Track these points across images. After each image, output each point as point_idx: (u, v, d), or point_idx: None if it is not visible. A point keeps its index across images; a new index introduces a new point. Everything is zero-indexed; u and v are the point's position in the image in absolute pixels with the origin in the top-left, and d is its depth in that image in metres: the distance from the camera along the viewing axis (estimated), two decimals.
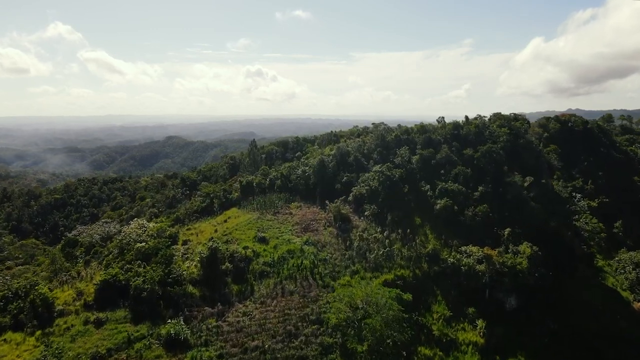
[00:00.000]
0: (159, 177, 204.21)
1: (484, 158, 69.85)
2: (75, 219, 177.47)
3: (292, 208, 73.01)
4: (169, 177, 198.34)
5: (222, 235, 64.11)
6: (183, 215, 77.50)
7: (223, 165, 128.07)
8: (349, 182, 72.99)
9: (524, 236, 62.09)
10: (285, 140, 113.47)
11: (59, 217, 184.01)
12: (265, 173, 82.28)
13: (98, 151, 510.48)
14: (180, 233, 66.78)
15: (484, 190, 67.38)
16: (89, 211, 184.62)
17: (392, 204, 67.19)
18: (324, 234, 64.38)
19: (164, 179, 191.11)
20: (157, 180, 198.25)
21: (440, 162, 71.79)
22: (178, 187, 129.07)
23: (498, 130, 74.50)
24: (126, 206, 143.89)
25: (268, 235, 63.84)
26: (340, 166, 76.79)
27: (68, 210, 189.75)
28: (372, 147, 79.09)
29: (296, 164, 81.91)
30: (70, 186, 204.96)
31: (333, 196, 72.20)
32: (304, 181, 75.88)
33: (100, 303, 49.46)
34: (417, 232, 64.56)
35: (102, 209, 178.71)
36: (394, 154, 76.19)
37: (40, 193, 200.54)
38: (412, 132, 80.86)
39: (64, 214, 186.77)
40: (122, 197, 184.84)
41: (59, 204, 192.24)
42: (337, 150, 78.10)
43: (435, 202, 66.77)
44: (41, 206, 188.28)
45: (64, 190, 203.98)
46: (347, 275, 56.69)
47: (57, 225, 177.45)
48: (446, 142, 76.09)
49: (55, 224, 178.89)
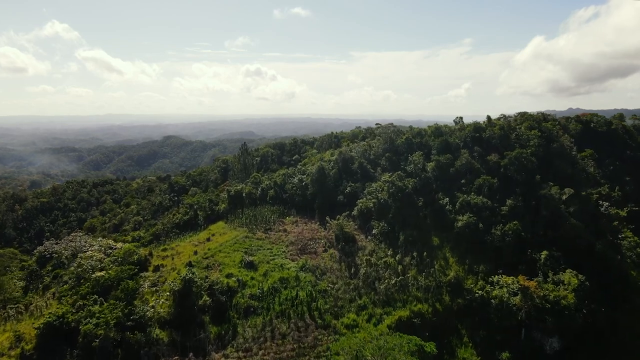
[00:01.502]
0: (152, 180, 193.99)
1: (512, 166, 59.31)
2: (62, 224, 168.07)
3: (286, 224, 62.58)
4: (162, 180, 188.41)
5: (202, 259, 53.74)
6: (161, 230, 67.11)
7: (214, 169, 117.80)
8: (353, 194, 62.55)
9: (563, 260, 51.56)
10: (281, 142, 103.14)
11: (44, 222, 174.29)
12: (257, 181, 71.82)
13: (95, 151, 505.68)
14: (153, 255, 56.39)
15: (513, 204, 56.82)
16: (77, 215, 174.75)
17: (404, 221, 56.68)
18: (324, 258, 53.96)
19: (156, 182, 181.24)
20: (149, 182, 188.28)
21: (460, 170, 61.23)
22: (166, 193, 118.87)
23: (527, 132, 63.87)
24: (110, 213, 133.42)
25: (257, 258, 53.43)
26: (343, 174, 66.29)
27: (55, 214, 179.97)
28: (380, 152, 68.51)
29: (292, 171, 71.34)
30: (57, 189, 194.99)
31: (334, 210, 61.82)
32: (300, 191, 65.46)
33: (41, 353, 39.24)
34: (436, 255, 54.05)
35: (90, 213, 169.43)
36: (406, 161, 65.69)
37: (25, 196, 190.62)
38: (425, 134, 70.14)
39: (50, 219, 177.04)
40: (112, 200, 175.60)
41: (46, 208, 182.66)
42: (339, 155, 67.56)
43: (456, 218, 56.26)
44: (26, 210, 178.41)
45: (51, 194, 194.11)
46: (352, 311, 46.28)
47: (42, 231, 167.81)
48: (466, 146, 65.50)
49: (41, 229, 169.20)
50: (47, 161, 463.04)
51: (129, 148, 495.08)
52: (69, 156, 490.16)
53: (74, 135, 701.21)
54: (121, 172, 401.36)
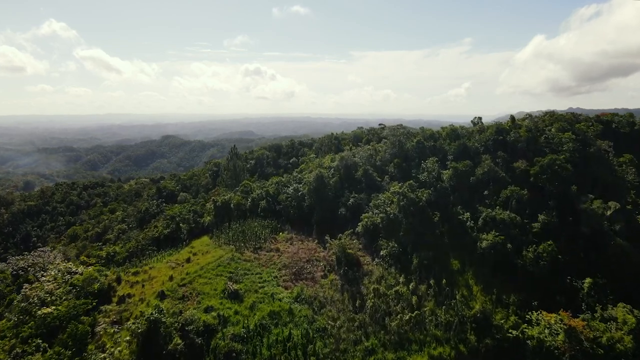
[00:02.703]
0: (144, 182, 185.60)
1: (544, 174, 50.47)
2: (49, 229, 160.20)
3: (279, 241, 53.84)
4: (155, 182, 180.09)
5: (178, 287, 45.05)
6: (134, 247, 58.49)
7: (206, 172, 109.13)
8: (356, 206, 53.79)
9: (611, 290, 42.83)
10: (278, 144, 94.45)
11: (31, 227, 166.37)
12: (247, 190, 63.07)
13: (93, 151, 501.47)
14: (122, 280, 47.76)
15: (546, 220, 48.02)
16: (66, 219, 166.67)
17: (418, 240, 47.92)
18: (324, 285, 45.23)
19: (148, 184, 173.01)
20: (141, 185, 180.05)
21: (481, 180, 52.41)
22: (153, 199, 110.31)
23: (559, 135, 55.01)
24: (94, 220, 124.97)
25: (243, 286, 44.74)
26: (345, 183, 57.50)
27: (42, 218, 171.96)
28: (387, 157, 59.68)
29: (286, 179, 62.49)
30: (46, 192, 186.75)
31: (335, 225, 53.14)
32: (296, 203, 56.77)
33: None
34: (456, 283, 45.26)
35: (79, 217, 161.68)
36: (417, 167, 56.89)
37: (12, 199, 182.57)
38: (439, 137, 61.17)
39: (37, 223, 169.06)
40: (102, 204, 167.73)
41: (33, 212, 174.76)
42: (341, 161, 58.74)
43: (479, 237, 47.46)
44: (12, 214, 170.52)
45: (39, 197, 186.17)
46: (357, 357, 37.57)
47: (29, 236, 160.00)
48: (487, 151, 56.66)
49: (28, 234, 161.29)
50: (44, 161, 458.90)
51: (127, 148, 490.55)
52: (67, 156, 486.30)
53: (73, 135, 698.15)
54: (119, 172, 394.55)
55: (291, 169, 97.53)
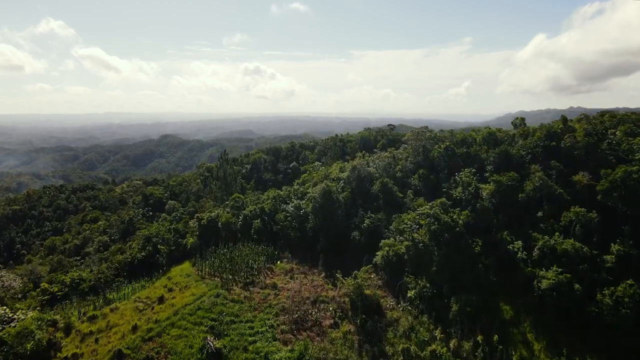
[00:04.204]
0: (137, 184, 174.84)
1: (614, 191, 39.40)
2: (35, 235, 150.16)
3: (277, 273, 42.78)
4: (149, 184, 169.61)
5: (143, 342, 34.07)
6: (102, 275, 47.50)
7: (197, 178, 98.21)
8: (373, 229, 42.72)
9: None
10: (276, 147, 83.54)
11: (16, 233, 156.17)
12: (238, 205, 52.02)
13: (91, 150, 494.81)
14: (72, 330, 36.83)
15: (622, 251, 36.87)
16: (52, 225, 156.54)
17: (456, 276, 36.87)
18: (335, 340, 34.22)
19: (141, 187, 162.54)
20: (134, 187, 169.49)
21: (532, 197, 41.25)
22: (139, 207, 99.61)
23: (627, 140, 43.80)
24: (73, 230, 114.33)
25: (228, 342, 33.73)
26: (358, 199, 46.37)
27: (28, 224, 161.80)
28: (409, 166, 48.49)
29: (286, 192, 51.33)
30: (32, 195, 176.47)
31: (346, 252, 42.19)
32: (297, 224, 45.74)
33: None
34: (511, 338, 34.20)
35: (67, 222, 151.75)
36: (447, 180, 45.75)
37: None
38: (473, 142, 49.70)
39: (22, 229, 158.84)
40: (91, 208, 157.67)
41: (18, 217, 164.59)
42: (352, 171, 47.55)
43: (537, 273, 36.33)
44: None
45: (25, 200, 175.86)
46: None
47: (13, 242, 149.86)
48: (535, 160, 45.51)
49: (12, 240, 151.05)
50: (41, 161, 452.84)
51: (125, 147, 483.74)
52: (64, 155, 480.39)
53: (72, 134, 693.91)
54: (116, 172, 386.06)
55: (291, 175, 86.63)
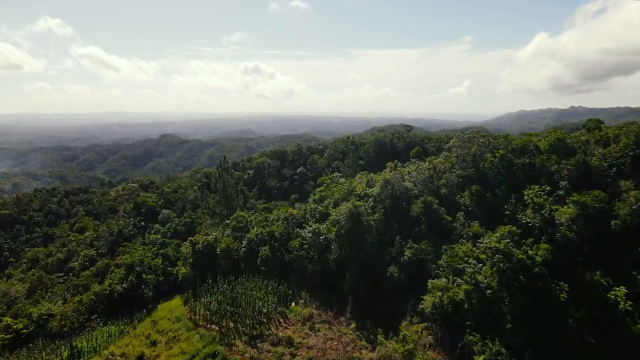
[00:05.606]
0: (133, 187, 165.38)
1: None
2: (24, 241, 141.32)
3: (292, 321, 32.90)
4: (145, 187, 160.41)
5: None
6: (75, 314, 37.67)
7: (194, 185, 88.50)
8: (417, 265, 32.86)
9: None
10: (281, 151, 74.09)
11: (4, 239, 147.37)
12: (240, 225, 42.10)
13: (90, 150, 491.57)
14: None
15: None
16: (43, 230, 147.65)
17: (535, 334, 27.05)
18: None
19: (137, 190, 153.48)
20: (130, 190, 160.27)
21: (627, 224, 31.42)
22: (130, 216, 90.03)
23: None
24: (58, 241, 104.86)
25: None
26: (394, 223, 36.48)
27: (17, 229, 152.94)
28: (456, 180, 38.61)
29: (300, 211, 41.33)
30: (22, 199, 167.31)
31: (381, 293, 32.40)
32: (316, 253, 35.92)
33: None
34: None
35: (59, 227, 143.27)
36: (507, 199, 35.91)
37: None
38: (537, 150, 39.06)
39: (10, 235, 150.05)
40: (84, 212, 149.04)
41: (7, 222, 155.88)
42: (384, 187, 37.59)
43: None
44: None
45: (14, 204, 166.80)
46: None
47: (1, 249, 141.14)
48: (622, 173, 35.58)
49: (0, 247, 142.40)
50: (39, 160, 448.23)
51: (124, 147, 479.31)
52: (63, 155, 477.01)
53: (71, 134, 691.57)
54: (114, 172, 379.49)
55: (298, 181, 76.98)
